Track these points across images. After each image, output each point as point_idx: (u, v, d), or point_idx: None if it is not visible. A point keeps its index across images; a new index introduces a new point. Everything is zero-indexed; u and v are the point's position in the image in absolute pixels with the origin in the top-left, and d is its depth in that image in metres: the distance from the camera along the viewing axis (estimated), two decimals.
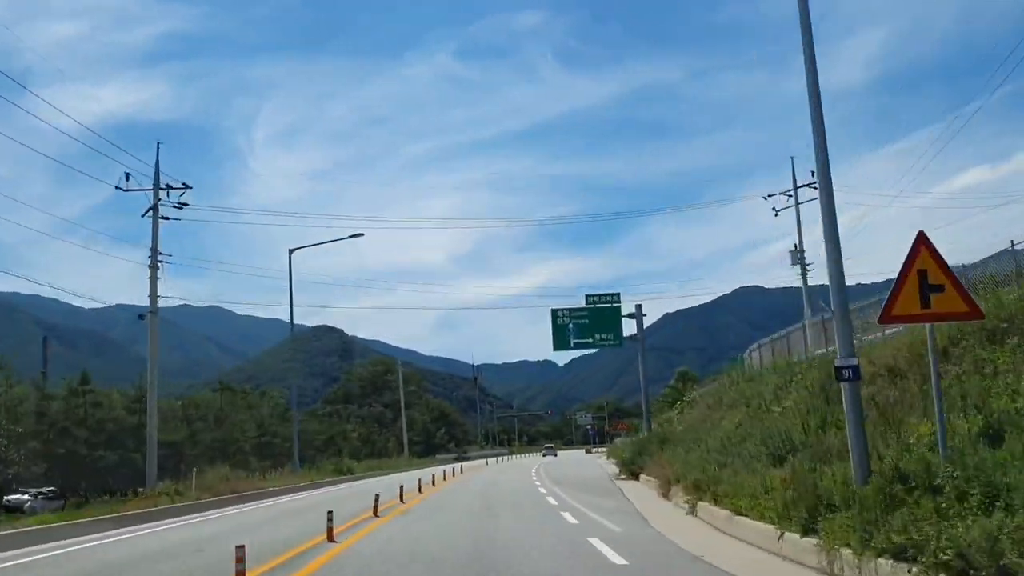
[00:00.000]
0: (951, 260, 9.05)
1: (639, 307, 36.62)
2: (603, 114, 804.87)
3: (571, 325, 35.99)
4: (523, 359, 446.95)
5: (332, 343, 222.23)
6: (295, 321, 42.34)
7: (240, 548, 8.76)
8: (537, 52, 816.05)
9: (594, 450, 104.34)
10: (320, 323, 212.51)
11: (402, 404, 78.50)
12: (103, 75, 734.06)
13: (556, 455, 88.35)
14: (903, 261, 8.66)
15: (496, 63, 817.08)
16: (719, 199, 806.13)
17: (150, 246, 29.51)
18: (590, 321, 35.90)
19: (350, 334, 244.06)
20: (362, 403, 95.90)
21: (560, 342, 35.85)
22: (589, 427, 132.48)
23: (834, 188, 9.82)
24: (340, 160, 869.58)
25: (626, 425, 62.04)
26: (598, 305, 36.37)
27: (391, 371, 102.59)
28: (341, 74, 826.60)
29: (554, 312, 36.05)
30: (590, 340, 36.35)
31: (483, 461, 72.19)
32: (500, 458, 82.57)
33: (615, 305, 36.51)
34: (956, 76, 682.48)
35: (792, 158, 41.01)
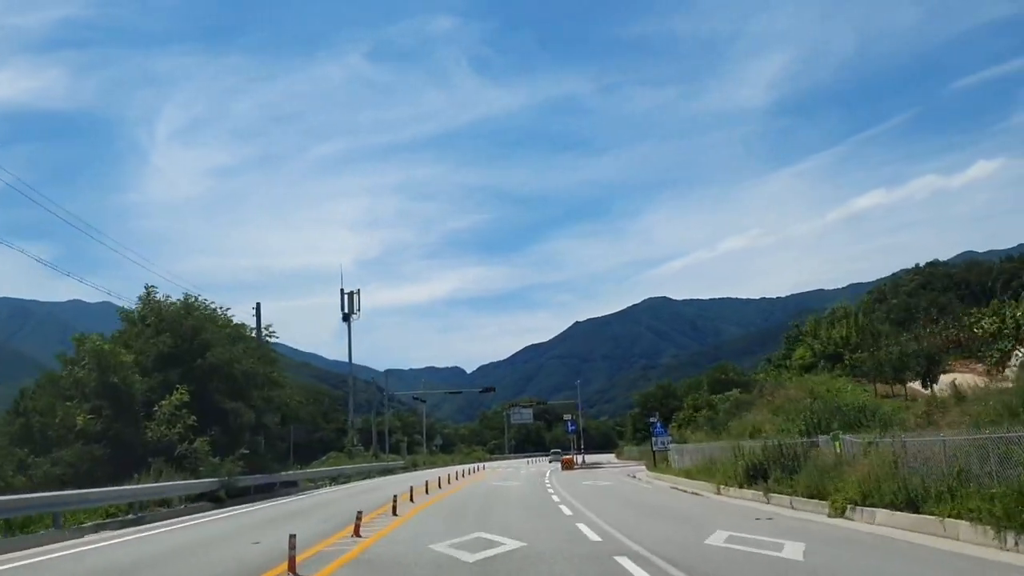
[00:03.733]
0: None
1: None
2: (514, 123, 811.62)
3: None
4: (430, 365, 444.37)
5: None
6: None
7: None
8: (450, 58, 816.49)
9: (580, 460, 72.12)
10: None
11: None
12: None
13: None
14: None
15: (409, 67, 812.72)
16: (625, 212, 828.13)
17: None
18: None
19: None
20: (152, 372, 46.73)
21: None
22: (569, 422, 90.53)
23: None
24: (246, 158, 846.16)
25: None
26: None
27: (207, 328, 36.40)
28: (248, 69, 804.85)
29: None
30: None
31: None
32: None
33: None
34: (852, 102, 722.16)
35: None
